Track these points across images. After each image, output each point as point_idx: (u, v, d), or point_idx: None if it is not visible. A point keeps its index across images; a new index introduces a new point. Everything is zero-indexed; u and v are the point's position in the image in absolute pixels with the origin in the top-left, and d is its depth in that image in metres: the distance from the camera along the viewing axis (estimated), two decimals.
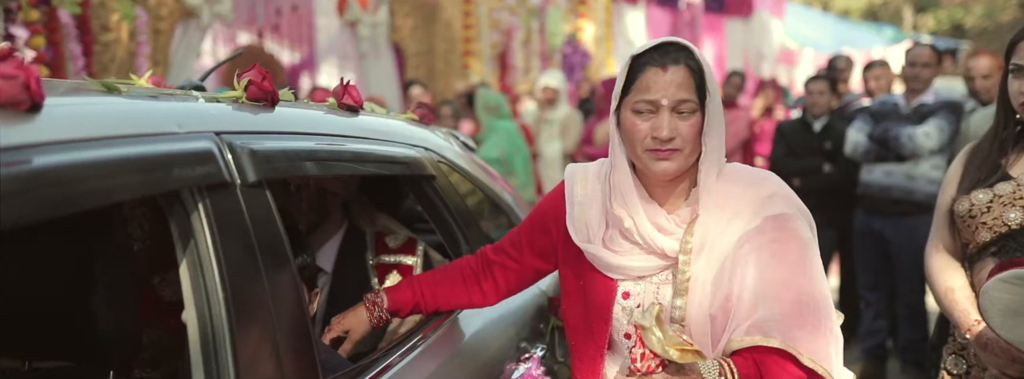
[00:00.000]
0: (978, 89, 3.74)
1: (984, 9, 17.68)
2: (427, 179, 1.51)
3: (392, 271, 1.62)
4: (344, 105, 1.42)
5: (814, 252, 1.20)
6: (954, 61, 6.29)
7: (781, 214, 1.18)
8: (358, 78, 6.69)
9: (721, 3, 8.68)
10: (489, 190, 1.82)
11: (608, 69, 7.67)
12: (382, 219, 1.73)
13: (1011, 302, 1.33)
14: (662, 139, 1.14)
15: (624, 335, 1.24)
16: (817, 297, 1.17)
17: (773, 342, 1.12)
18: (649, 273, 1.21)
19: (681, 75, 1.14)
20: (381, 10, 6.38)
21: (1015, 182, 1.63)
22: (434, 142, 1.64)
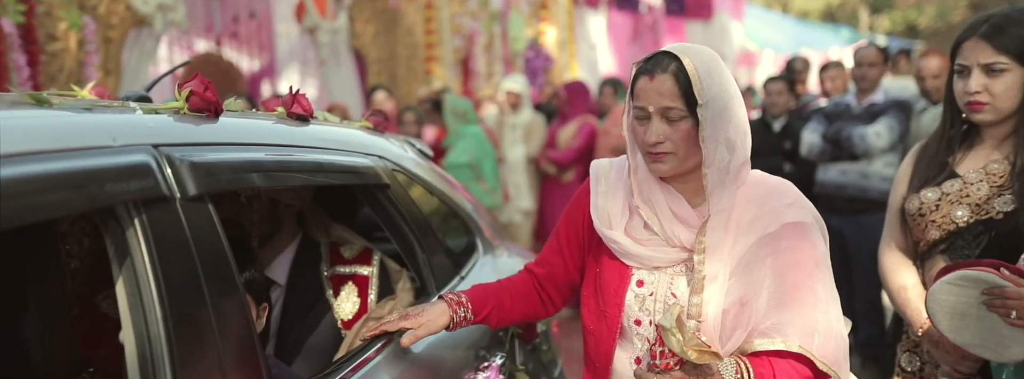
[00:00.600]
0: (929, 89, 3.84)
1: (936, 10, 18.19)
2: (381, 188, 1.48)
3: (347, 282, 1.59)
4: (294, 114, 1.39)
5: (828, 261, 1.26)
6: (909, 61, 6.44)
7: (800, 222, 1.24)
8: (320, 85, 6.62)
9: (681, 6, 8.78)
10: (447, 198, 1.80)
11: (571, 73, 7.70)
12: (337, 229, 1.70)
13: (957, 304, 1.34)
14: (650, 143, 1.21)
15: (635, 321, 1.29)
16: (831, 304, 1.23)
17: (792, 346, 1.18)
18: (665, 265, 1.27)
19: (666, 83, 1.20)
20: (341, 16, 6.32)
21: (962, 180, 1.66)
22: (389, 150, 1.62)
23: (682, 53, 1.21)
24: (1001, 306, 1.29)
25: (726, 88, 1.21)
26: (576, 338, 5.09)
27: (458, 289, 1.63)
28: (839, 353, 1.22)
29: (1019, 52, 1.54)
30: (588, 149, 5.06)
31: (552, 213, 5.19)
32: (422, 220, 1.58)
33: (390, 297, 1.60)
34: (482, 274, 1.79)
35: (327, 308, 1.57)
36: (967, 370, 1.61)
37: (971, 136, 1.68)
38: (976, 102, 1.58)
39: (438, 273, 1.61)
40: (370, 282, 1.58)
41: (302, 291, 1.59)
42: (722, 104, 1.20)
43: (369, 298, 1.57)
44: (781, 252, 1.22)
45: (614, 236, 1.28)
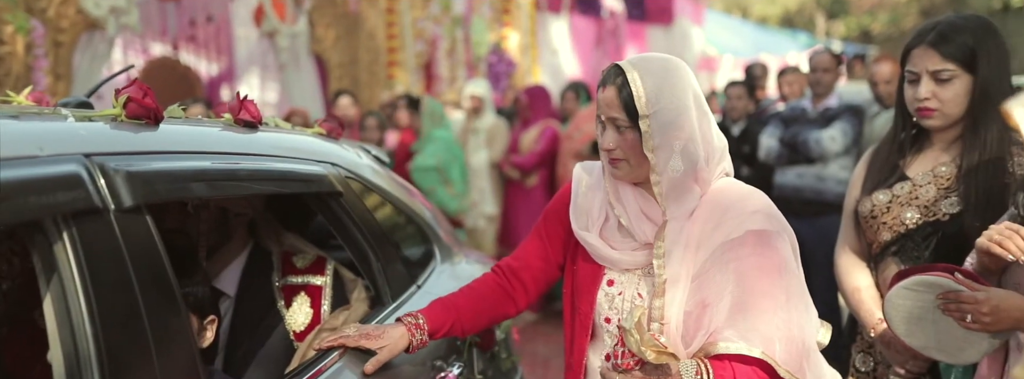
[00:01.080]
0: (881, 94, 3.93)
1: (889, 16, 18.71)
2: (334, 196, 1.45)
3: (299, 293, 1.55)
4: (241, 121, 1.35)
5: (793, 268, 1.28)
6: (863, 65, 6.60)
7: (764, 230, 1.26)
8: (280, 90, 6.51)
9: (643, 11, 8.87)
10: (404, 206, 1.77)
11: (534, 77, 7.71)
12: (290, 238, 1.66)
13: (913, 308, 1.36)
14: (604, 149, 1.28)
15: (605, 319, 1.35)
16: (793, 311, 1.25)
17: (755, 352, 1.21)
18: (633, 267, 1.32)
19: (611, 95, 1.26)
20: (300, 21, 6.23)
21: (912, 183, 1.68)
22: (343, 157, 1.58)
23: (631, 67, 1.25)
24: (956, 310, 1.30)
25: (676, 100, 1.24)
26: (540, 343, 5.06)
27: (415, 300, 1.62)
28: (801, 359, 1.24)
29: (965, 60, 1.57)
30: (550, 153, 5.06)
31: (516, 218, 5.18)
32: (377, 228, 1.55)
33: (344, 307, 1.56)
34: (439, 282, 1.76)
35: (278, 319, 1.52)
36: (917, 370, 1.64)
37: (921, 140, 1.71)
38: (926, 108, 1.61)
39: (393, 282, 1.58)
40: (323, 292, 1.54)
41: (252, 302, 1.55)
42: (672, 115, 1.23)
43: (322, 309, 1.53)
44: (744, 258, 1.24)
45: (589, 238, 1.33)
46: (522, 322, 5.10)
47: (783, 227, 1.30)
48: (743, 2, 21.21)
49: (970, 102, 1.59)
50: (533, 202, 5.14)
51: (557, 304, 5.46)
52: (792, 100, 4.63)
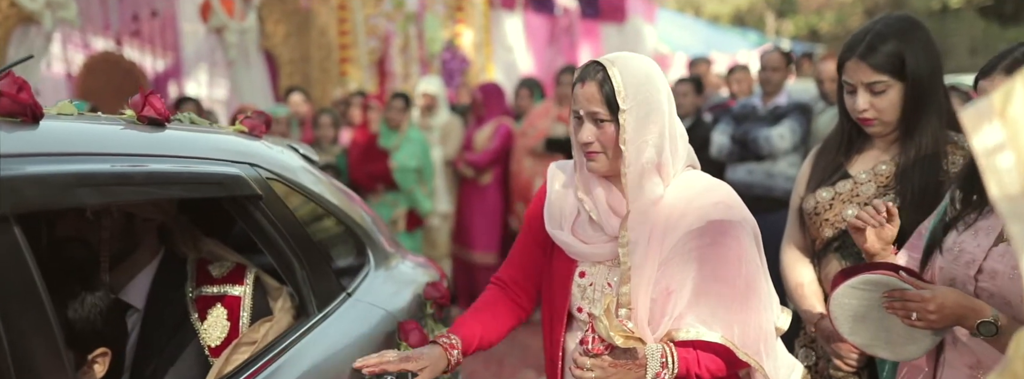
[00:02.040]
0: (827, 91, 4.01)
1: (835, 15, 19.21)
2: (252, 199, 1.36)
3: (215, 304, 1.43)
4: (144, 118, 1.24)
5: (754, 257, 1.34)
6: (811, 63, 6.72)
7: (725, 220, 1.32)
8: (230, 86, 6.34)
9: (596, 9, 8.88)
10: (334, 208, 1.68)
11: (488, 75, 7.65)
12: (208, 244, 1.55)
13: (858, 307, 1.36)
14: (582, 143, 1.33)
15: (578, 309, 1.42)
16: (751, 298, 1.32)
17: (714, 336, 1.29)
18: (602, 258, 1.39)
19: (592, 90, 1.32)
20: (249, 16, 6.06)
21: (853, 180, 1.71)
22: (264, 157, 1.49)
23: (611, 63, 1.32)
24: (901, 308, 1.31)
25: (652, 96, 1.31)
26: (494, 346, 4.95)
27: (345, 309, 1.54)
28: (760, 344, 1.31)
29: (895, 69, 1.59)
30: (504, 150, 5.02)
31: (470, 216, 5.12)
32: (302, 233, 1.46)
33: (266, 319, 1.46)
34: (373, 288, 1.69)
35: (192, 334, 1.41)
36: (856, 364, 1.65)
37: (863, 139, 1.74)
38: (865, 119, 1.64)
39: (321, 290, 1.49)
40: (242, 303, 1.43)
41: (163, 316, 1.43)
42: (645, 110, 1.30)
43: (241, 321, 1.43)
44: (706, 247, 1.30)
45: (561, 236, 1.41)
46: None
47: (744, 218, 1.36)
48: (695, 1, 21.51)
49: (903, 104, 1.61)
50: (487, 200, 5.10)
51: None
52: (742, 97, 4.68)
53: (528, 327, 5.23)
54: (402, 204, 4.70)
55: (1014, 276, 1.31)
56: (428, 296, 1.81)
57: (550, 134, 4.82)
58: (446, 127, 5.14)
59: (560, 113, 4.85)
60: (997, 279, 1.33)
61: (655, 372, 1.28)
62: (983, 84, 1.33)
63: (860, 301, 1.35)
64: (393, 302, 1.69)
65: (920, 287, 1.30)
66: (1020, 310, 1.30)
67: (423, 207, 4.74)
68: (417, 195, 4.70)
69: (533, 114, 5.02)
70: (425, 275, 1.98)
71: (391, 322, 1.62)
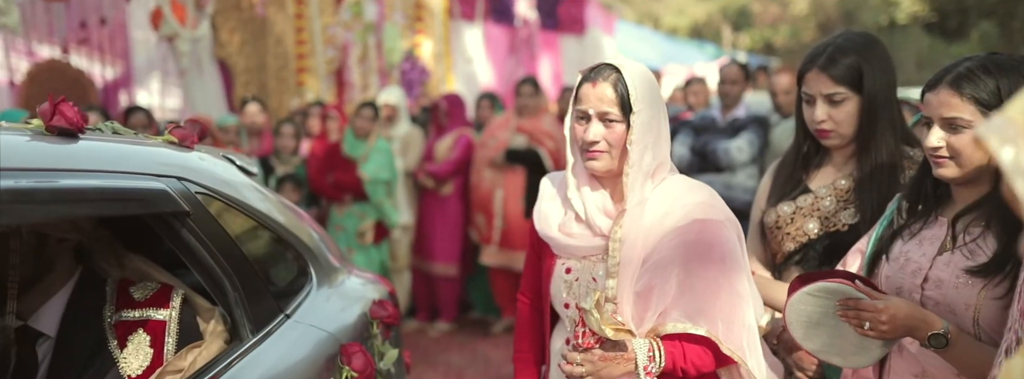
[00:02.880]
0: (780, 104, 4.08)
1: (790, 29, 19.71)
2: (178, 216, 1.28)
3: (137, 330, 1.33)
4: (54, 128, 1.14)
5: (737, 255, 1.39)
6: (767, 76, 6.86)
7: (709, 219, 1.38)
8: (183, 96, 6.19)
9: (556, 21, 8.93)
10: (274, 223, 1.60)
11: (448, 85, 7.61)
12: (134, 262, 1.45)
13: (812, 313, 1.37)
14: (588, 142, 1.38)
15: (564, 305, 1.46)
16: (734, 295, 1.36)
17: (700, 330, 1.33)
18: (590, 254, 1.43)
19: (606, 90, 1.37)
20: (203, 25, 5.93)
21: (813, 195, 1.74)
22: (195, 170, 1.40)
23: (623, 66, 1.38)
24: (854, 317, 1.32)
25: (656, 101, 1.39)
26: (454, 353, 4.99)
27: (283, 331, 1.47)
28: (743, 340, 1.36)
29: (853, 82, 1.63)
30: (466, 161, 4.99)
31: (431, 227, 5.07)
32: (236, 251, 1.38)
33: (194, 344, 1.36)
34: (315, 309, 1.62)
35: (110, 363, 1.31)
36: (814, 375, 1.67)
37: (822, 154, 1.77)
38: (822, 130, 1.67)
39: (256, 312, 1.42)
40: (167, 328, 1.34)
41: (77, 344, 1.33)
42: (651, 114, 1.37)
43: (165, 348, 1.33)
44: (690, 244, 1.35)
45: (550, 233, 1.46)
46: (437, 332, 5.00)
47: (727, 217, 1.42)
48: (654, 13, 21.85)
49: (860, 120, 1.64)
50: (449, 211, 5.06)
51: (472, 314, 5.40)
52: (699, 109, 4.75)
53: (488, 339, 5.20)
54: (370, 216, 4.64)
55: (958, 284, 1.34)
56: (375, 316, 1.76)
57: (510, 145, 4.81)
58: (406, 138, 5.10)
59: (520, 124, 4.85)
60: (942, 287, 1.36)
61: (643, 365, 1.31)
62: (929, 97, 1.35)
63: (815, 308, 1.37)
64: (336, 323, 1.62)
65: (875, 297, 1.32)
66: (965, 318, 1.33)
67: (391, 219, 4.69)
68: (386, 207, 4.65)
69: (493, 125, 5.00)
70: (374, 292, 1.92)
71: (333, 345, 1.56)
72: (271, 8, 6.52)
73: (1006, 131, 0.56)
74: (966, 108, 1.30)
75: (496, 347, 4.78)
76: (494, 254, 4.90)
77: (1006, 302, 1.27)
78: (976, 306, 1.32)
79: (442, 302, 5.17)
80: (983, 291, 1.32)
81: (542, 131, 4.81)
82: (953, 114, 1.31)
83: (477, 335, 5.03)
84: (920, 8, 17.22)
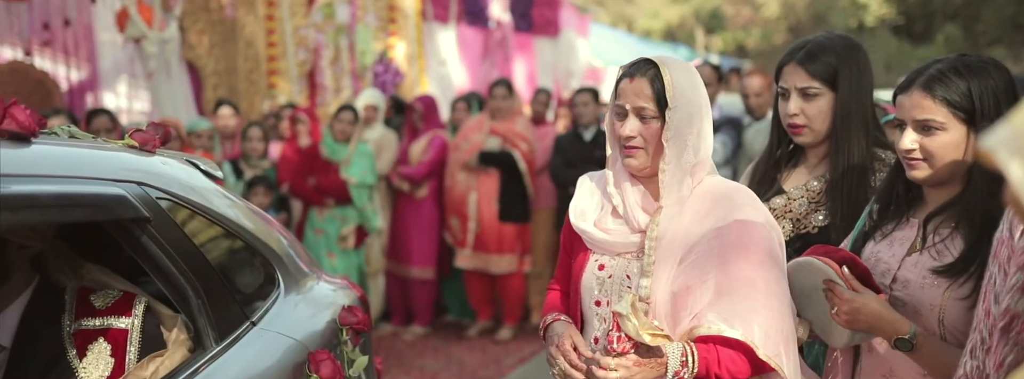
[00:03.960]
0: (752, 105, 4.11)
1: (761, 32, 19.99)
2: (138, 222, 1.25)
3: (97, 338, 1.30)
4: (5, 132, 1.10)
5: (778, 259, 1.36)
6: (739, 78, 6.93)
7: (749, 221, 1.35)
8: (151, 98, 6.08)
9: (530, 23, 8.93)
10: (239, 229, 1.56)
11: (422, 88, 7.57)
12: (91, 271, 1.41)
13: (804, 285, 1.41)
14: (624, 137, 1.36)
15: (595, 302, 1.43)
16: (773, 299, 1.33)
17: (736, 334, 1.29)
18: (625, 250, 1.40)
19: (642, 85, 1.35)
20: (171, 26, 5.83)
21: (787, 196, 1.74)
22: (156, 175, 1.37)
23: (661, 62, 1.37)
24: (830, 299, 1.35)
25: (695, 98, 1.36)
26: (429, 357, 4.99)
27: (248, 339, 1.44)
28: (781, 346, 1.31)
29: (828, 78, 1.64)
30: (440, 162, 4.97)
31: (406, 231, 5.04)
32: (199, 258, 1.35)
33: (157, 353, 1.33)
34: (282, 316, 1.59)
35: (68, 373, 1.27)
36: None
37: (797, 155, 1.78)
38: (795, 125, 1.67)
39: (220, 320, 1.39)
40: (129, 337, 1.31)
41: (34, 354, 1.29)
42: (689, 111, 1.34)
43: (127, 357, 1.30)
44: (729, 245, 1.32)
45: (584, 226, 1.44)
46: (412, 336, 4.97)
47: (769, 221, 1.39)
48: (628, 16, 22.01)
49: (833, 119, 1.65)
50: (424, 214, 5.03)
51: (446, 317, 5.37)
52: None
53: (463, 343, 5.18)
54: (352, 220, 4.60)
55: (924, 285, 1.36)
56: (344, 322, 1.74)
57: (484, 148, 4.80)
58: (380, 141, 5.06)
59: (493, 127, 4.84)
60: (909, 288, 1.38)
61: (674, 371, 1.28)
62: (901, 99, 1.37)
63: (805, 280, 1.40)
64: (304, 330, 1.60)
65: (855, 288, 1.34)
66: (930, 318, 1.35)
67: (372, 223, 4.66)
68: (368, 212, 4.62)
69: (466, 128, 4.99)
70: (343, 298, 1.90)
71: (301, 352, 1.53)
72: (241, 10, 6.43)
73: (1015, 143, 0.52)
74: (939, 110, 1.32)
75: (471, 351, 4.76)
76: (469, 257, 4.89)
77: (971, 302, 1.29)
78: (941, 306, 1.34)
79: (417, 306, 5.14)
80: (948, 291, 1.34)
81: (516, 133, 4.80)
82: (926, 116, 1.32)
83: (452, 339, 5.00)
84: (888, 11, 17.58)
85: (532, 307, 5.19)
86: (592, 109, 4.64)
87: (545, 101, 5.45)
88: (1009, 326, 1.05)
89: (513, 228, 4.83)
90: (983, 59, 1.36)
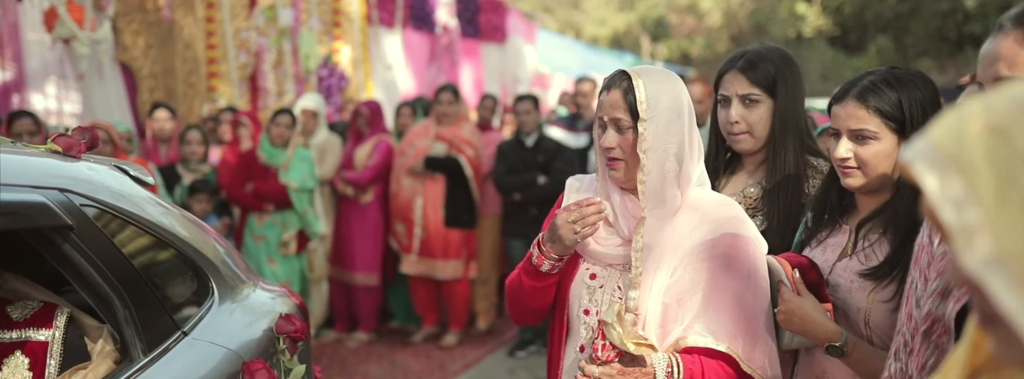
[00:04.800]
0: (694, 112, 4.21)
1: (704, 40, 20.48)
2: (60, 230, 1.20)
3: (14, 352, 1.24)
4: None
5: (763, 273, 1.37)
6: None
7: (739, 234, 1.36)
8: (82, 101, 5.84)
9: (477, 29, 8.94)
10: (169, 235, 1.52)
11: (368, 92, 7.49)
12: (10, 281, 1.36)
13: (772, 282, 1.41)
14: (604, 148, 1.38)
15: (583, 311, 1.42)
16: (759, 312, 1.35)
17: (721, 346, 1.30)
18: (615, 261, 1.40)
19: (616, 97, 1.36)
20: (103, 26, 5.63)
21: None
22: (82, 180, 1.33)
23: (636, 74, 1.37)
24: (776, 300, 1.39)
25: (674, 107, 1.35)
26: (373, 363, 4.94)
27: (180, 349, 1.40)
28: (766, 359, 1.34)
29: (768, 85, 1.68)
30: (385, 167, 4.92)
31: (350, 236, 4.97)
32: (126, 266, 1.31)
33: (80, 366, 1.29)
34: (216, 325, 1.55)
35: None
36: None
37: (734, 163, 1.81)
38: (736, 131, 1.70)
39: (149, 331, 1.34)
40: (49, 349, 1.26)
41: None
42: (666, 120, 1.34)
43: (47, 371, 1.25)
44: (718, 258, 1.33)
45: None
46: (355, 343, 4.90)
47: (757, 235, 1.40)
48: (576, 23, 22.28)
49: (772, 126, 1.69)
50: (369, 219, 4.97)
51: (391, 323, 5.31)
52: (589, 110, 4.93)
53: (408, 349, 5.13)
54: (293, 225, 4.50)
55: (851, 288, 1.41)
56: (281, 330, 1.70)
57: (429, 153, 4.78)
58: (323, 145, 4.98)
59: (439, 132, 4.82)
60: (838, 291, 1.43)
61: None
62: (836, 110, 1.41)
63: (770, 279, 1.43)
64: (239, 339, 1.56)
65: (799, 292, 1.38)
66: (857, 321, 1.40)
67: (314, 228, 4.57)
68: (309, 216, 4.53)
69: (412, 133, 4.96)
70: (281, 306, 1.86)
71: (234, 362, 1.50)
72: (178, 11, 6.26)
73: (932, 157, 0.53)
74: (872, 120, 1.37)
75: (416, 357, 4.73)
76: (414, 263, 4.85)
77: (894, 305, 1.34)
78: (867, 309, 1.39)
79: (361, 312, 5.07)
80: (872, 294, 1.39)
81: (462, 139, 4.80)
82: (860, 126, 1.37)
83: (396, 345, 4.95)
84: (824, 23, 18.23)
85: (478, 313, 5.18)
86: (534, 117, 4.69)
87: (491, 107, 5.47)
88: (930, 330, 1.09)
89: (459, 234, 4.82)
90: (911, 72, 1.42)
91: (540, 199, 4.48)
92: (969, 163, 0.51)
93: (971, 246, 0.50)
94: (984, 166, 0.51)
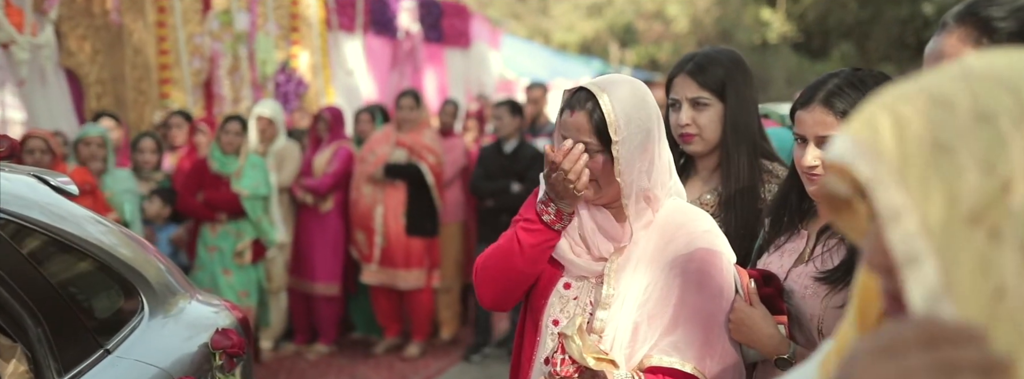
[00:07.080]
0: None
1: (672, 46, 20.72)
2: None
3: None
4: None
5: (732, 290, 1.34)
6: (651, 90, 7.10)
7: (712, 249, 1.32)
8: (25, 107, 5.61)
9: (440, 34, 8.85)
10: (92, 247, 1.41)
11: (328, 98, 7.35)
12: None
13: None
14: None
15: (553, 321, 1.37)
16: (727, 331, 1.31)
17: (687, 367, 1.26)
18: (589, 274, 1.36)
19: (581, 119, 1.28)
20: (45, 31, 5.42)
21: None
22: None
23: (601, 90, 1.28)
24: None
25: (644, 123, 1.28)
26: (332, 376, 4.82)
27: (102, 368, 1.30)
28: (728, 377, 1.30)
29: (718, 89, 1.66)
30: (345, 174, 4.81)
31: (310, 245, 4.84)
32: (41, 282, 1.21)
33: None
34: (144, 342, 1.44)
35: None
36: None
37: (688, 168, 1.79)
38: (686, 134, 1.68)
39: (66, 349, 1.23)
40: None
41: None
42: (639, 139, 1.27)
43: None
44: (690, 273, 1.30)
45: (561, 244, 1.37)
46: (315, 355, 4.76)
47: (727, 249, 1.36)
48: (544, 29, 22.37)
49: (722, 130, 1.67)
50: (329, 228, 4.84)
51: (352, 334, 5.18)
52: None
53: (369, 361, 5.01)
54: (248, 234, 4.35)
55: (805, 295, 1.38)
56: (216, 346, 1.60)
57: (390, 160, 4.68)
58: (281, 152, 4.85)
59: (400, 139, 4.73)
60: (792, 298, 1.40)
61: None
62: (802, 115, 1.37)
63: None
64: (169, 356, 1.46)
65: (752, 302, 1.35)
66: (810, 328, 1.37)
67: (270, 237, 4.42)
68: (264, 225, 4.38)
69: (372, 140, 4.86)
70: (222, 320, 1.76)
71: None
72: (128, 16, 6.05)
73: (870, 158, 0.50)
74: (840, 125, 1.34)
75: (377, 369, 4.60)
76: (375, 272, 4.74)
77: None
78: (820, 316, 1.36)
79: (321, 323, 4.93)
80: (825, 300, 1.36)
81: (423, 145, 4.71)
82: (828, 132, 1.33)
83: (358, 356, 4.83)
84: (789, 29, 18.58)
85: (441, 322, 5.08)
86: (508, 123, 4.60)
87: (453, 112, 5.39)
88: None
89: (421, 242, 4.72)
90: (875, 73, 1.39)
91: (512, 207, 4.40)
92: (907, 157, 0.49)
93: (898, 222, 0.48)
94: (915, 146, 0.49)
